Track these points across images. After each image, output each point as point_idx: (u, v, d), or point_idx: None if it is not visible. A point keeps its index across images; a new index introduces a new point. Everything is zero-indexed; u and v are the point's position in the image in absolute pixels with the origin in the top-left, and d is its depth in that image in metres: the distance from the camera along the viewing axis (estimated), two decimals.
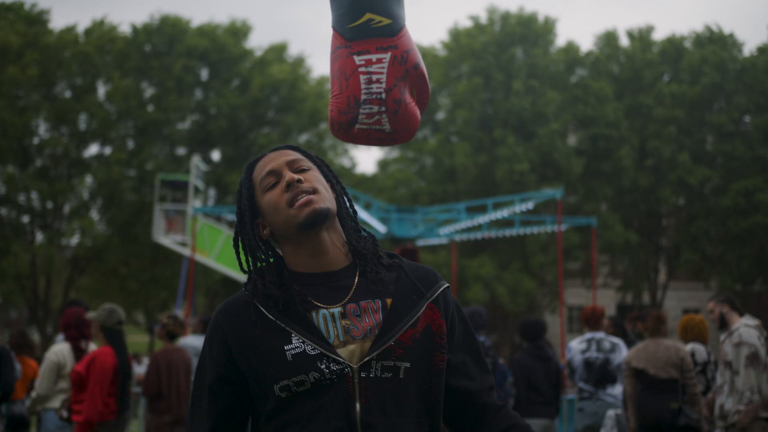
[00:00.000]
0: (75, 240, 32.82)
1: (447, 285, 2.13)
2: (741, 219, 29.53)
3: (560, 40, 34.74)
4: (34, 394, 6.86)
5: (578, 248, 29.30)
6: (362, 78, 1.94)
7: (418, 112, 1.99)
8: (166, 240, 24.30)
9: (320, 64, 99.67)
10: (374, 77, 1.94)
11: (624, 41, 33.97)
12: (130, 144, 33.16)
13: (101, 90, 33.05)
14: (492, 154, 30.42)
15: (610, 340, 7.82)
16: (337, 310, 2.00)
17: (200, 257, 22.51)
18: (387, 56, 1.94)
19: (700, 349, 7.74)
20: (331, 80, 2.00)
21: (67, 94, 32.41)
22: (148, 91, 33.61)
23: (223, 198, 32.71)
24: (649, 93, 31.48)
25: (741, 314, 7.14)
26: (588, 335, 7.86)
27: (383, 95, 1.94)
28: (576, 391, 7.77)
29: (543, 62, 31.88)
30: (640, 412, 7.17)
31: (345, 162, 35.45)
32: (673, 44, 32.99)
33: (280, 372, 1.94)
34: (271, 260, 2.12)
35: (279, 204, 2.04)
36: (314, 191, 2.04)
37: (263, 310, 2.00)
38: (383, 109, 1.94)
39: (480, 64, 31.33)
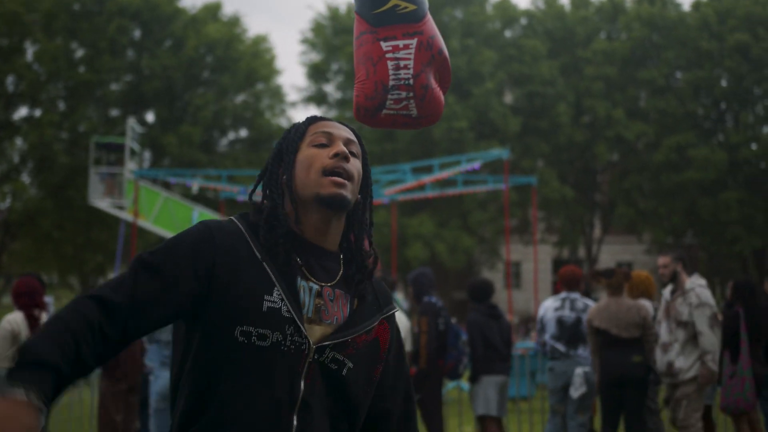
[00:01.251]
0: (6, 204, 32.07)
1: (397, 309, 2.19)
2: (673, 174, 30.16)
3: None
4: None
5: (516, 205, 29.65)
6: (390, 64, 1.95)
7: (442, 96, 2.02)
8: (103, 203, 23.91)
9: (255, 24, 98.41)
10: (402, 63, 1.95)
11: None
12: (62, 106, 32.34)
13: (29, 51, 32.13)
14: None
15: (584, 301, 7.96)
16: (316, 286, 2.01)
17: (139, 220, 22.22)
18: (413, 42, 1.96)
19: (648, 306, 7.94)
20: (355, 65, 1.99)
21: None
22: (79, 52, 32.74)
23: (159, 160, 32.23)
24: (585, 50, 31.80)
25: (689, 273, 7.32)
26: (563, 294, 7.99)
27: (411, 81, 1.95)
28: (548, 350, 7.90)
29: (478, 20, 31.94)
30: (604, 368, 7.33)
31: (283, 122, 35.18)
32: (612, 2, 33.33)
33: (249, 317, 1.89)
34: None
35: (317, 164, 2.03)
36: (351, 179, 2.04)
37: (256, 252, 1.97)
38: (411, 94, 1.95)
39: None
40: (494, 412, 8.02)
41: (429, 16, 2.00)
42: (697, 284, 7.14)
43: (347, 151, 2.04)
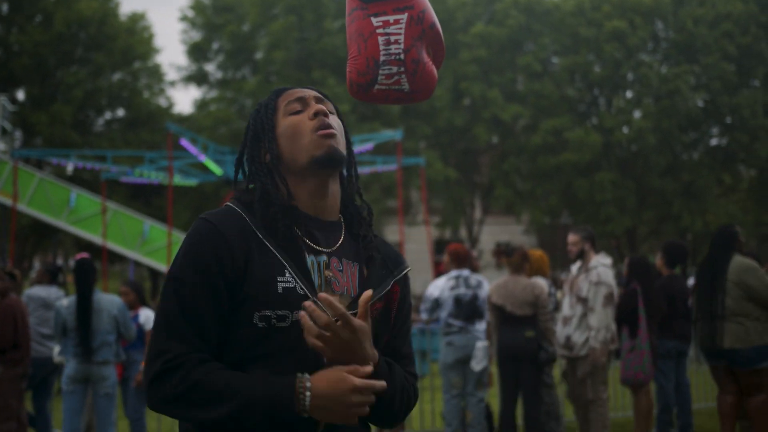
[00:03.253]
0: None
1: (409, 268, 2.17)
2: (550, 156, 30.99)
3: None
4: None
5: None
6: (380, 39, 1.95)
7: (435, 70, 2.03)
8: None
9: (133, 2, 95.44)
10: (392, 38, 1.95)
11: None
12: None
13: None
14: None
15: (476, 277, 8.09)
16: (323, 259, 2.00)
17: (9, 202, 21.35)
18: (404, 17, 1.96)
19: (543, 284, 8.19)
20: (348, 42, 1.99)
21: None
22: None
23: (30, 139, 31.01)
24: (466, 34, 32.26)
25: (596, 252, 7.59)
26: (454, 273, 8.07)
27: (402, 56, 1.96)
28: (444, 325, 8.00)
29: None
30: (499, 344, 7.55)
31: (162, 102, 34.37)
32: None
33: (267, 301, 1.89)
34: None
35: (302, 127, 2.02)
36: (337, 132, 2.04)
37: (260, 236, 1.94)
38: (402, 69, 1.96)
39: (292, 2, 30.95)
40: None
41: None
42: (600, 263, 7.41)
43: (323, 108, 2.03)
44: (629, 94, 33.45)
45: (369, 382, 1.84)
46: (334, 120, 2.06)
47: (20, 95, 32.23)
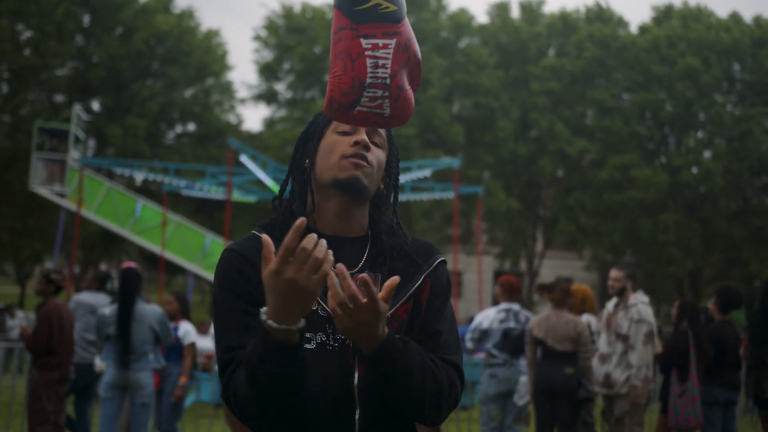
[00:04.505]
0: None
1: (443, 259, 2.15)
2: (616, 193, 30.63)
3: (453, 7, 35.09)
4: None
5: (460, 215, 29.86)
6: (369, 62, 1.95)
7: (413, 98, 2.03)
8: (44, 190, 23.46)
9: (208, 19, 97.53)
10: (380, 62, 1.95)
11: (516, 13, 34.59)
12: (4, 88, 31.69)
13: None
14: None
15: (525, 313, 8.04)
16: None
17: (80, 209, 21.86)
18: (392, 42, 1.96)
19: (593, 321, 8.09)
20: (331, 60, 2.00)
21: None
22: (25, 34, 32.12)
23: (102, 149, 31.74)
24: (537, 65, 32.17)
25: (635, 290, 7.48)
26: (504, 305, 8.02)
27: (388, 80, 1.96)
28: (488, 357, 7.95)
29: (430, 28, 32.10)
30: (537, 378, 7.45)
31: (231, 119, 34.95)
32: (563, 19, 33.80)
33: None
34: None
35: (337, 149, 2.06)
36: (370, 164, 2.05)
37: None
38: (387, 93, 1.96)
39: None
40: None
41: (406, 19, 2.02)
42: (640, 300, 7.32)
43: (368, 141, 2.06)
44: (700, 134, 32.92)
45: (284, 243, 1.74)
46: (375, 153, 2.08)
47: (95, 105, 33.08)
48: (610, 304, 7.54)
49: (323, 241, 1.76)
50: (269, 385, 1.80)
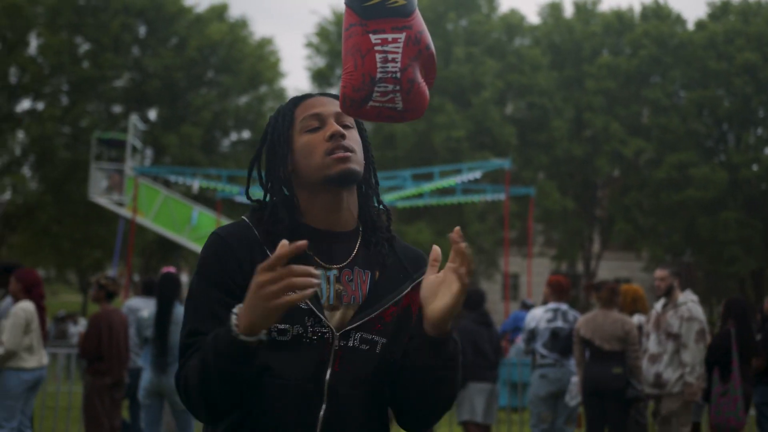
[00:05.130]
0: (6, 196, 32.10)
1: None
2: (673, 192, 30.17)
3: (504, 8, 34.99)
4: (1, 350, 6.83)
5: (515, 217, 29.65)
6: (378, 57, 1.95)
7: (427, 91, 2.02)
8: (102, 199, 23.90)
9: (261, 27, 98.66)
10: (390, 56, 1.95)
11: (569, 12, 34.32)
12: (64, 100, 32.42)
13: (33, 44, 32.21)
14: (431, 121, 30.57)
15: (573, 313, 7.98)
16: (333, 273, 2.00)
17: (138, 218, 22.23)
18: (402, 36, 1.96)
19: (643, 320, 7.98)
20: (343, 57, 2.00)
21: None
22: (83, 47, 32.83)
23: (159, 158, 32.26)
24: (591, 64, 31.86)
25: (683, 288, 7.35)
26: (552, 305, 7.99)
27: (398, 74, 1.96)
28: (537, 357, 7.90)
29: (482, 30, 32.00)
30: (586, 379, 7.36)
31: None
32: (619, 17, 33.43)
33: None
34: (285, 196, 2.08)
35: (317, 149, 2.02)
36: (352, 150, 2.03)
37: (266, 249, 1.97)
38: (397, 87, 1.96)
39: None
40: (479, 419, 8.04)
41: (417, 12, 2.02)
42: (689, 299, 7.21)
43: (340, 130, 2.02)
44: (759, 130, 32.25)
45: (273, 258, 1.72)
46: (351, 136, 2.06)
47: (152, 115, 33.64)
48: (659, 304, 7.44)
49: (316, 273, 1.71)
50: (217, 379, 1.79)
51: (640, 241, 32.02)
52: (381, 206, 2.16)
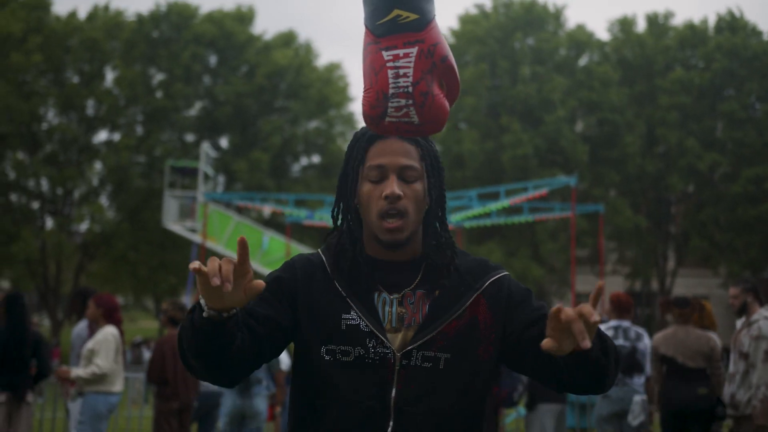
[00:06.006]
0: (85, 226, 32.97)
1: (500, 274, 2.15)
2: (750, 206, 29.44)
3: (570, 24, 34.66)
4: (95, 369, 7.01)
5: (587, 234, 29.28)
6: (390, 73, 1.97)
7: (446, 103, 2.02)
8: (176, 226, 24.38)
9: (327, 51, 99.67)
10: (401, 71, 1.96)
11: (641, 26, 33.85)
12: (139, 130, 33.25)
13: (109, 76, 33.16)
14: (498, 141, 30.44)
15: (635, 329, 7.82)
16: (395, 297, 2.09)
17: (210, 243, 22.59)
18: (414, 50, 1.97)
19: (715, 338, 7.77)
20: (363, 76, 2.03)
21: (75, 79, 32.52)
22: (157, 78, 33.67)
23: (231, 185, 32.77)
24: (663, 79, 31.38)
25: (762, 304, 7.10)
26: (614, 323, 7.81)
27: (410, 89, 1.96)
28: None
29: (549, 47, 31.82)
30: (667, 399, 7.17)
31: None
32: (693, 30, 32.87)
33: (331, 336, 2.03)
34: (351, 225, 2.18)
35: (372, 205, 2.10)
36: (405, 214, 2.08)
37: (332, 276, 2.10)
38: (410, 102, 1.97)
39: (484, 50, 31.31)
40: None
41: (435, 24, 2.01)
42: (763, 316, 6.93)
43: (396, 192, 2.06)
44: None
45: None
46: (409, 195, 2.10)
47: (223, 142, 34.24)
48: (740, 322, 7.22)
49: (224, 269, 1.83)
50: (189, 347, 1.90)
51: (716, 257, 31.29)
52: (445, 236, 2.19)
